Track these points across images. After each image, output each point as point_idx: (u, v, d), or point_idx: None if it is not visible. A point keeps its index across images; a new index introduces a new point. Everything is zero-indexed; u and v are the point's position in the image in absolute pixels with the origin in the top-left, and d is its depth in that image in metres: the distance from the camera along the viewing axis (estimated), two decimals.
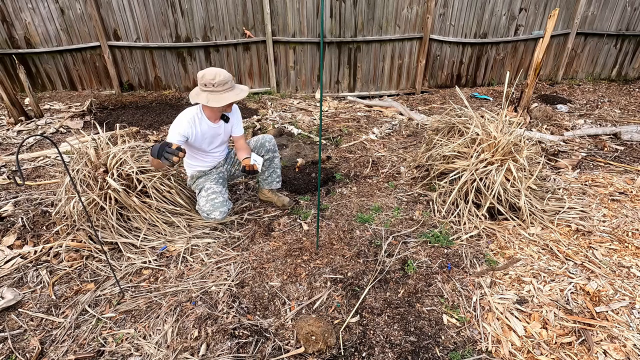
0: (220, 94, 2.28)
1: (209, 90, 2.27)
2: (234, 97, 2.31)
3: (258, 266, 2.44)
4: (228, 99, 2.28)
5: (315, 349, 1.86)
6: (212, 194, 2.55)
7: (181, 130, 2.37)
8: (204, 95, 2.29)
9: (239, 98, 2.33)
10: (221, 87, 2.26)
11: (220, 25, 5.55)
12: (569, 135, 4.45)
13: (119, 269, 2.41)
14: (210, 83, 2.24)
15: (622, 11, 6.13)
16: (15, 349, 1.90)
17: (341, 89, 6.18)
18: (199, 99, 2.30)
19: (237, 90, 2.35)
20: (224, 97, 2.28)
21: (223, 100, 2.27)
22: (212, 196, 2.54)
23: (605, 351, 1.87)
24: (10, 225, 2.78)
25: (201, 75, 2.26)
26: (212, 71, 2.25)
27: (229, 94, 2.30)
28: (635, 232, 2.74)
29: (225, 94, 2.29)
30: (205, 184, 2.64)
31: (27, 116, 4.80)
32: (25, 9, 5.30)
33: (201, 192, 2.62)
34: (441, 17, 5.72)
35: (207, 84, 2.25)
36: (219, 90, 2.27)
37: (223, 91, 2.28)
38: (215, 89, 2.26)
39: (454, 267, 2.42)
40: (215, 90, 2.27)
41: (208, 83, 2.24)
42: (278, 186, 3.01)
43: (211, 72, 2.25)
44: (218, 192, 2.57)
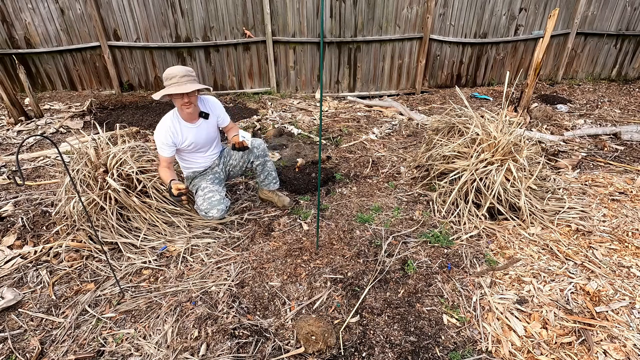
0: (180, 85, 2.32)
1: (169, 84, 2.33)
2: (193, 86, 2.34)
3: (258, 266, 2.44)
4: (188, 88, 2.31)
5: (315, 349, 1.86)
6: (209, 193, 2.60)
7: (164, 140, 2.47)
8: (165, 89, 2.35)
9: (199, 87, 2.36)
10: (182, 79, 2.32)
11: (220, 25, 5.55)
12: (569, 135, 4.45)
13: (119, 269, 2.41)
14: (170, 76, 2.31)
15: (622, 11, 6.13)
16: (15, 349, 1.90)
17: (341, 89, 6.18)
18: (160, 92, 2.35)
19: (197, 84, 2.41)
20: (183, 87, 2.32)
21: (182, 88, 2.30)
22: (208, 195, 2.59)
23: (605, 351, 1.87)
24: (10, 225, 2.78)
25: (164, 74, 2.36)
26: (171, 67, 2.36)
27: (189, 85, 2.34)
28: (635, 232, 2.74)
29: (186, 85, 2.33)
30: (202, 184, 2.69)
31: (27, 116, 4.80)
32: (25, 9, 5.30)
33: (198, 191, 2.67)
34: (441, 17, 5.71)
35: (167, 78, 2.32)
36: (180, 82, 2.31)
37: (183, 83, 2.33)
38: (175, 81, 2.31)
39: (454, 267, 2.42)
40: (176, 83, 2.31)
41: (168, 77, 2.32)
42: (276, 187, 3.03)
43: (170, 68, 2.36)
44: (214, 191, 2.62)
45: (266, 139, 4.35)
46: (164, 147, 2.48)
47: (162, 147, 2.48)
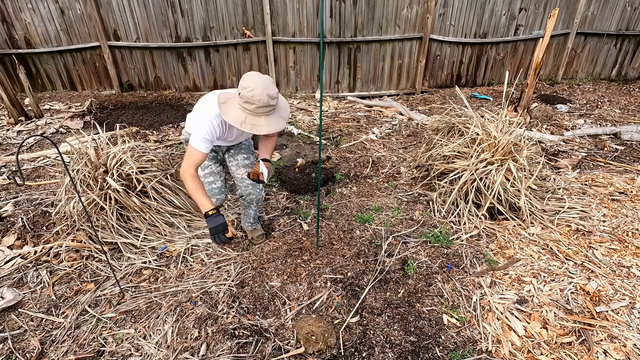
0: (258, 119, 1.83)
1: (246, 109, 1.82)
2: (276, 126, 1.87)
3: (258, 266, 2.44)
4: (268, 129, 1.84)
5: (316, 349, 1.86)
6: (210, 176, 2.31)
7: (209, 135, 1.98)
8: (241, 113, 1.83)
9: (282, 127, 1.91)
10: (261, 110, 1.81)
11: (220, 26, 5.54)
12: (569, 135, 4.45)
13: (119, 269, 2.41)
14: (251, 99, 1.77)
15: (622, 11, 6.13)
16: (15, 349, 1.90)
17: (341, 89, 6.18)
18: (228, 113, 1.85)
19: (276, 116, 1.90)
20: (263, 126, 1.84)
21: (261, 129, 1.84)
22: (209, 178, 2.31)
23: (605, 351, 1.87)
24: (10, 225, 2.78)
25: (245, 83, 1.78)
26: (255, 80, 1.78)
27: (272, 121, 1.86)
28: (635, 232, 2.74)
29: (268, 120, 1.85)
30: None
31: (27, 116, 4.80)
32: (25, 9, 5.30)
33: None
34: (441, 17, 5.71)
35: (247, 97, 1.77)
36: (259, 113, 1.82)
37: (264, 114, 1.84)
38: (255, 110, 1.81)
39: (454, 267, 2.42)
40: (255, 113, 1.82)
41: (248, 98, 1.77)
42: (250, 228, 2.69)
43: (254, 81, 1.78)
44: (216, 174, 2.34)
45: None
46: (204, 142, 1.97)
47: (203, 141, 1.96)
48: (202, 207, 1.97)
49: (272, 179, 3.46)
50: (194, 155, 1.97)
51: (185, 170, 1.97)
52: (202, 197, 1.97)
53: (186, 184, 1.99)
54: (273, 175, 3.52)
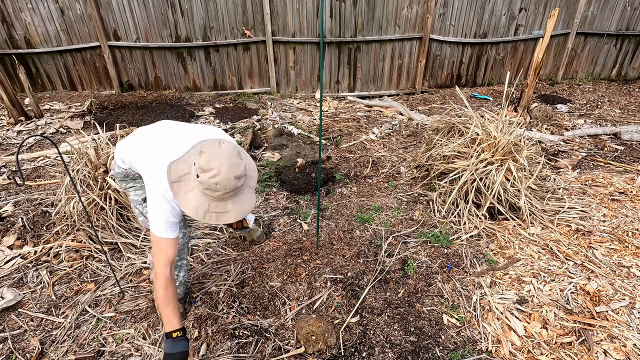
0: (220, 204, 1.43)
1: (211, 197, 1.40)
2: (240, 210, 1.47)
3: (258, 266, 2.44)
4: (229, 217, 1.46)
5: (316, 349, 1.86)
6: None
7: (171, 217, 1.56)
8: (203, 201, 1.41)
9: (247, 212, 1.51)
10: (226, 196, 1.41)
11: (220, 25, 5.54)
12: (569, 135, 4.45)
13: (119, 269, 2.41)
14: (212, 185, 1.36)
15: (622, 11, 6.13)
16: (15, 349, 1.90)
17: (341, 89, 6.17)
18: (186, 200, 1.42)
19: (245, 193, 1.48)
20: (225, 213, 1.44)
21: (223, 217, 1.45)
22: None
23: (605, 351, 1.87)
24: (10, 225, 2.78)
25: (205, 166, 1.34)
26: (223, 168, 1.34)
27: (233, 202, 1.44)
28: (635, 232, 2.74)
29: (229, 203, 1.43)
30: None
31: (27, 116, 4.80)
32: (25, 9, 5.30)
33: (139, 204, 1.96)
34: (441, 17, 5.71)
35: (209, 187, 1.36)
36: (224, 198, 1.42)
37: (229, 199, 1.43)
38: (217, 196, 1.40)
39: (454, 267, 2.42)
40: (217, 199, 1.41)
41: (211, 186, 1.36)
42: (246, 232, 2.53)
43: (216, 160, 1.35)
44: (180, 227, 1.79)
45: (266, 139, 4.35)
46: (170, 226, 1.56)
47: (167, 225, 1.54)
48: (167, 324, 1.54)
49: (271, 178, 3.47)
50: (165, 246, 1.55)
51: (160, 272, 1.54)
52: (170, 312, 1.54)
53: (158, 289, 1.55)
54: (272, 175, 3.52)
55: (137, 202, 1.94)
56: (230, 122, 4.95)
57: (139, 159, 1.69)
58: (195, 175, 1.38)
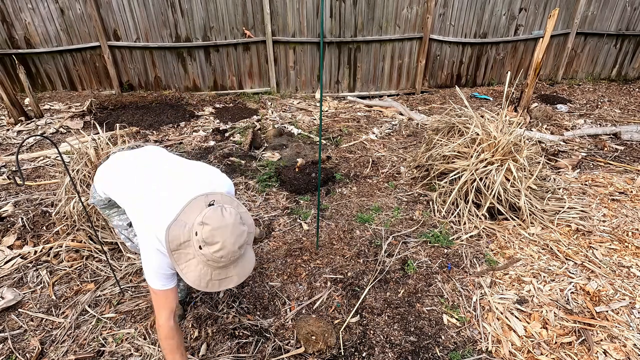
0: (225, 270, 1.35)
1: (212, 266, 1.31)
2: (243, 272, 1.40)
3: (258, 266, 2.44)
4: (232, 282, 1.38)
5: (316, 349, 1.86)
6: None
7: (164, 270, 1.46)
8: (205, 270, 1.32)
9: (249, 272, 1.43)
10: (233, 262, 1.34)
11: (220, 25, 5.54)
12: (569, 135, 4.45)
13: (119, 269, 2.41)
14: (218, 261, 1.29)
15: (622, 11, 6.13)
16: (15, 349, 1.90)
17: (341, 89, 6.17)
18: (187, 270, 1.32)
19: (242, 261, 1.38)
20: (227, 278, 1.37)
21: (225, 283, 1.37)
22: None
23: (605, 351, 1.87)
24: (10, 225, 2.78)
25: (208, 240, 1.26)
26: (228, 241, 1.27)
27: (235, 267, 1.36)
28: (635, 232, 2.74)
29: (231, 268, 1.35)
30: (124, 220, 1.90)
31: (27, 116, 4.80)
32: (25, 9, 5.30)
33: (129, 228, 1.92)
34: (441, 17, 5.71)
35: (211, 259, 1.28)
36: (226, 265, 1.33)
37: (232, 264, 1.34)
38: (222, 264, 1.32)
39: (454, 267, 2.42)
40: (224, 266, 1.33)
41: (215, 259, 1.28)
42: None
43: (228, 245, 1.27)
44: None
45: (266, 139, 4.35)
46: (167, 278, 1.47)
47: (163, 278, 1.47)
48: None
49: (271, 178, 3.47)
50: (165, 298, 1.48)
51: (163, 323, 1.48)
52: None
53: (163, 340, 1.51)
54: (272, 175, 3.52)
55: (122, 228, 1.83)
56: (230, 122, 4.96)
57: (125, 200, 1.59)
58: (197, 247, 1.28)
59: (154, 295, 1.50)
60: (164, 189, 1.49)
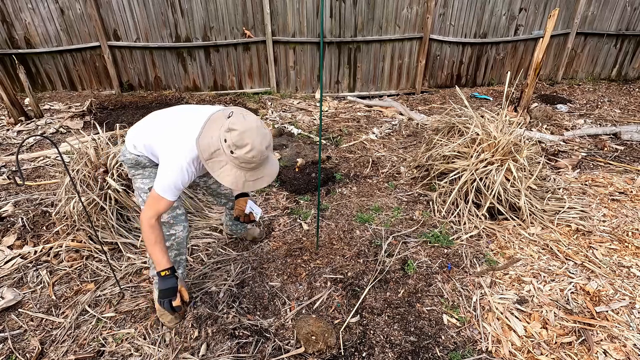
0: (256, 171, 1.59)
1: (247, 169, 1.55)
2: (271, 173, 1.66)
3: (258, 266, 2.44)
4: (264, 182, 1.64)
5: (316, 349, 1.86)
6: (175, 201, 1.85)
7: (180, 184, 1.69)
8: (239, 173, 1.56)
9: (276, 173, 1.70)
10: (259, 166, 1.59)
11: (220, 25, 5.54)
12: (569, 135, 4.45)
13: (119, 269, 2.41)
14: (246, 159, 1.51)
15: (622, 11, 6.13)
16: (15, 349, 1.90)
17: (341, 89, 6.17)
18: (223, 175, 1.56)
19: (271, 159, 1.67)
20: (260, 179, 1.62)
21: (259, 183, 1.63)
22: (175, 203, 1.94)
23: (605, 351, 1.87)
24: (10, 225, 2.78)
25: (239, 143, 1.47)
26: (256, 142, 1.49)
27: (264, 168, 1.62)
28: (635, 232, 2.74)
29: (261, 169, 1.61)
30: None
31: (27, 116, 4.80)
32: (25, 9, 5.30)
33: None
34: (441, 17, 5.71)
35: (245, 161, 1.51)
36: (256, 168, 1.59)
37: (259, 168, 1.60)
38: (252, 167, 1.56)
39: (454, 267, 2.42)
40: (251, 169, 1.57)
41: (248, 160, 1.51)
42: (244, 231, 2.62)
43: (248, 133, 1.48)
44: (180, 198, 2.07)
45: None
46: (174, 191, 1.68)
47: (172, 190, 1.67)
48: (157, 264, 1.71)
49: None
50: (161, 204, 1.67)
51: (146, 219, 1.68)
52: (159, 253, 1.71)
53: (144, 233, 1.71)
54: None
55: (143, 191, 1.95)
56: None
57: (157, 136, 1.77)
58: (229, 152, 1.50)
59: (152, 197, 1.68)
60: (187, 116, 1.75)
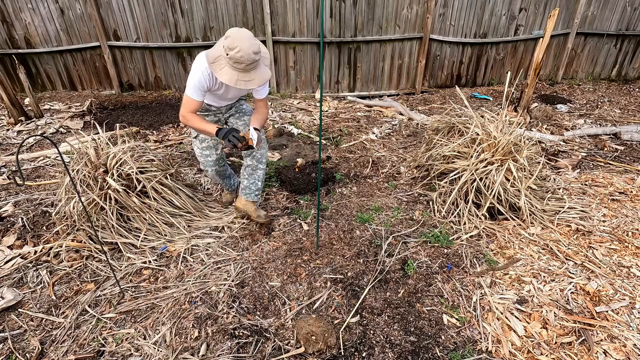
0: (244, 74, 2.03)
1: (232, 64, 1.99)
2: (259, 80, 2.07)
3: (258, 266, 2.44)
4: (252, 84, 2.06)
5: (316, 349, 1.86)
6: (206, 150, 2.60)
7: (200, 84, 2.17)
8: (234, 72, 2.01)
9: (265, 80, 2.11)
10: (248, 67, 2.01)
11: (220, 26, 5.54)
12: (569, 135, 4.45)
13: (119, 269, 2.41)
14: (237, 58, 1.96)
15: (622, 11, 6.13)
16: (15, 349, 1.90)
17: (341, 89, 6.17)
18: (222, 73, 2.03)
19: (262, 67, 2.11)
20: (248, 82, 2.04)
21: (246, 83, 2.04)
22: (205, 152, 2.61)
23: (605, 351, 1.87)
24: (10, 225, 2.78)
25: (230, 41, 1.95)
26: (240, 38, 1.95)
27: (254, 75, 2.05)
28: (635, 232, 2.74)
29: (251, 75, 2.04)
30: (201, 134, 2.57)
31: (27, 116, 4.80)
32: (25, 9, 5.30)
33: (196, 138, 2.64)
34: (441, 17, 5.71)
35: (232, 54, 1.95)
36: (246, 70, 2.02)
37: (249, 71, 2.03)
38: (241, 68, 2.00)
39: (454, 267, 2.42)
40: (240, 70, 2.01)
41: (235, 57, 1.95)
42: (255, 199, 2.71)
43: (239, 39, 1.94)
44: (212, 147, 2.62)
45: (266, 139, 4.35)
46: (198, 91, 2.19)
47: (196, 90, 2.18)
48: (209, 132, 2.26)
49: (271, 178, 3.47)
50: (190, 102, 2.24)
51: (183, 113, 2.26)
52: (206, 125, 2.26)
53: (188, 122, 2.28)
54: (272, 175, 3.52)
55: (192, 137, 2.64)
56: None
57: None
58: (225, 54, 1.99)
59: (184, 99, 2.25)
60: None
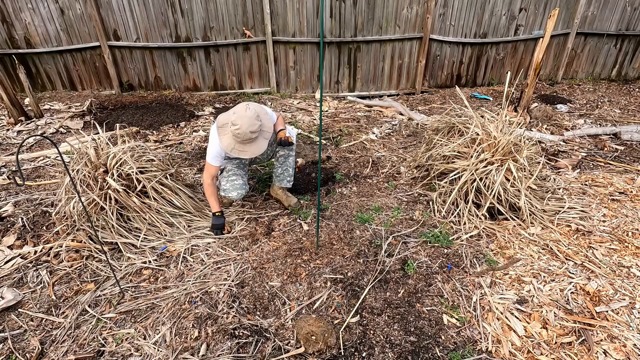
0: (244, 146, 2.43)
1: (236, 140, 2.40)
2: (257, 149, 2.45)
3: (258, 266, 2.44)
4: (251, 153, 2.45)
5: (316, 349, 1.86)
6: (233, 176, 2.82)
7: (218, 153, 2.56)
8: (232, 141, 2.41)
9: (262, 149, 2.47)
10: (245, 142, 2.41)
11: (220, 25, 5.54)
12: (569, 135, 4.45)
13: (119, 269, 2.41)
14: (238, 136, 2.37)
15: (622, 11, 6.13)
16: (15, 349, 1.90)
17: (341, 89, 6.18)
18: (223, 139, 2.43)
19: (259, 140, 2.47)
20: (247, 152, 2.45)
21: (243, 154, 2.44)
22: (232, 177, 2.82)
23: (605, 351, 1.87)
24: (10, 225, 2.78)
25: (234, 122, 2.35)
26: (244, 125, 2.33)
27: (249, 146, 2.43)
28: (635, 232, 2.74)
29: (248, 146, 2.43)
30: (227, 166, 2.90)
31: (27, 116, 4.80)
32: (25, 9, 5.30)
33: (223, 172, 2.94)
34: (441, 17, 5.71)
35: (235, 135, 2.38)
36: (244, 142, 2.41)
37: (248, 143, 2.43)
38: (239, 141, 2.40)
39: (454, 267, 2.42)
40: (240, 142, 2.41)
41: (236, 135, 2.37)
42: (288, 185, 3.03)
43: (239, 116, 2.34)
44: (238, 175, 2.84)
45: None
46: (216, 158, 2.57)
47: (215, 158, 2.57)
48: (212, 208, 2.70)
49: (272, 179, 3.46)
50: (209, 168, 2.61)
51: (204, 180, 2.66)
52: (213, 201, 2.68)
53: (205, 189, 2.68)
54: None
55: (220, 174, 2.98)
56: None
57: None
58: (230, 125, 2.39)
59: (206, 165, 2.63)
60: None
